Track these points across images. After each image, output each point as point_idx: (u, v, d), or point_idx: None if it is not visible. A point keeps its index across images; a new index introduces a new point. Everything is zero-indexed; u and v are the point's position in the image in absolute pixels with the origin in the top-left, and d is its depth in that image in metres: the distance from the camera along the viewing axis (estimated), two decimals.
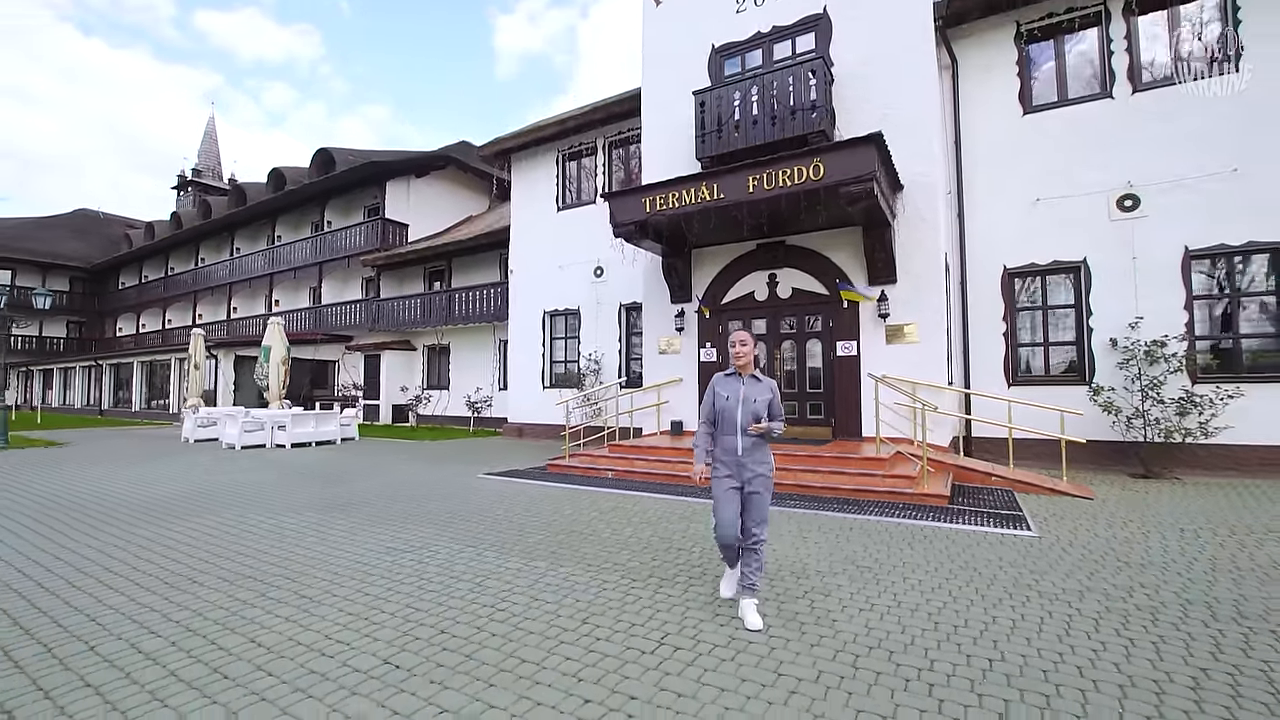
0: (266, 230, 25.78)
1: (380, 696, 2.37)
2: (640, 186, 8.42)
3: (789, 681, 2.47)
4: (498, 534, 4.90)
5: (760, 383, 3.21)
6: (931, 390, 7.82)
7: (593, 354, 13.04)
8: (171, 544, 4.65)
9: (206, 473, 8.58)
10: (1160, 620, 3.07)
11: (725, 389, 3.23)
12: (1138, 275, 8.45)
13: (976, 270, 9.49)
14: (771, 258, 9.09)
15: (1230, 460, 7.85)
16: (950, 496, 5.94)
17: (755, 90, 8.61)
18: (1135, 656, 2.68)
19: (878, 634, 2.93)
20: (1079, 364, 8.81)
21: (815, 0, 8.94)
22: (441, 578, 3.80)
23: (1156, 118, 8.47)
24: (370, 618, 3.17)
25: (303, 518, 5.53)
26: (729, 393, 3.21)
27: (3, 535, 4.96)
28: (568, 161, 14.13)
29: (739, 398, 3.16)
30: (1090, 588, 3.55)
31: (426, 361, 19.31)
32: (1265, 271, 7.94)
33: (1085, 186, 8.83)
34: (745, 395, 3.16)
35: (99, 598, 3.49)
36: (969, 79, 9.68)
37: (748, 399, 3.15)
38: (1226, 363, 8.09)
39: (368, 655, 2.73)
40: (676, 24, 10.18)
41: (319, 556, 4.28)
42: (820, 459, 6.84)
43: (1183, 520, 5.23)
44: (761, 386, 3.19)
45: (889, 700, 2.32)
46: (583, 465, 8.17)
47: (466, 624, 3.08)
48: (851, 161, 6.67)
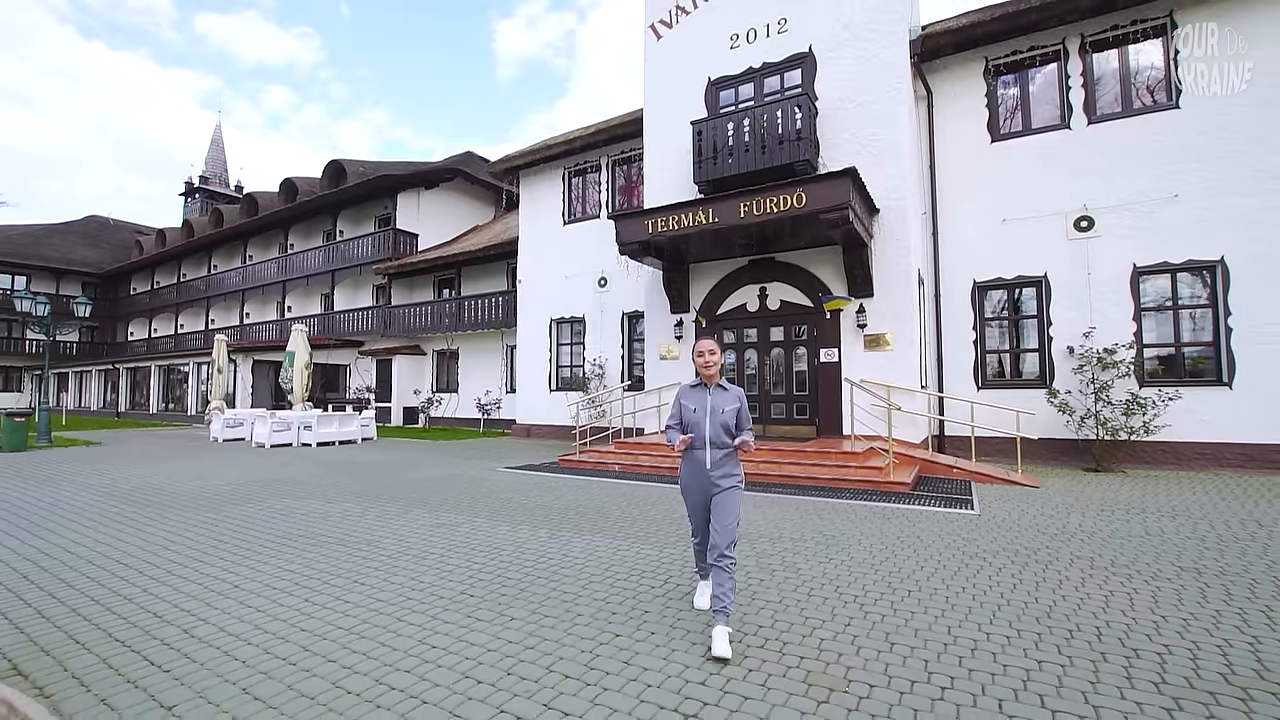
0: (279, 238, 26.65)
1: (467, 610, 3.25)
2: (643, 210, 9.33)
3: (760, 603, 3.36)
4: (527, 513, 5.79)
5: (727, 392, 3.14)
6: (904, 393, 8.74)
7: (597, 359, 13.93)
8: (262, 521, 5.53)
9: (252, 468, 9.45)
10: (1049, 569, 3.97)
11: (691, 401, 3.15)
12: (1092, 289, 9.38)
13: (949, 283, 10.42)
14: (762, 273, 10.01)
15: (1172, 455, 8.77)
16: (913, 485, 6.84)
17: (747, 122, 9.55)
18: (1019, 589, 3.57)
19: (830, 576, 3.82)
20: (1041, 369, 9.74)
21: (801, 40, 9.89)
22: (488, 543, 4.69)
23: (1109, 147, 9.42)
24: (441, 569, 4.05)
25: (356, 503, 6.41)
26: (695, 404, 3.13)
27: (130, 516, 5.83)
28: (573, 178, 15.05)
29: (706, 409, 3.09)
30: (1005, 548, 4.45)
31: (436, 365, 20.19)
32: (1203, 286, 8.88)
33: (1046, 208, 9.76)
34: (713, 406, 3.08)
35: (249, 556, 4.37)
36: (943, 109, 10.63)
37: (715, 410, 3.07)
38: (1169, 368, 9.02)
39: (451, 589, 3.61)
40: (676, 57, 11.12)
41: (384, 530, 5.16)
42: (804, 454, 7.74)
43: (1108, 504, 6.13)
44: (729, 396, 3.12)
45: (830, 612, 3.20)
46: (592, 460, 9.07)
47: (515, 571, 3.97)
48: (829, 192, 7.60)
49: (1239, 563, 4.09)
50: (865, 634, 2.96)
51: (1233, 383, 8.50)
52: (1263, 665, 2.61)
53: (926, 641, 2.87)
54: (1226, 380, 8.55)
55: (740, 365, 10.25)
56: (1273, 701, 2.31)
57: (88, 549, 4.62)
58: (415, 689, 2.44)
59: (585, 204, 14.78)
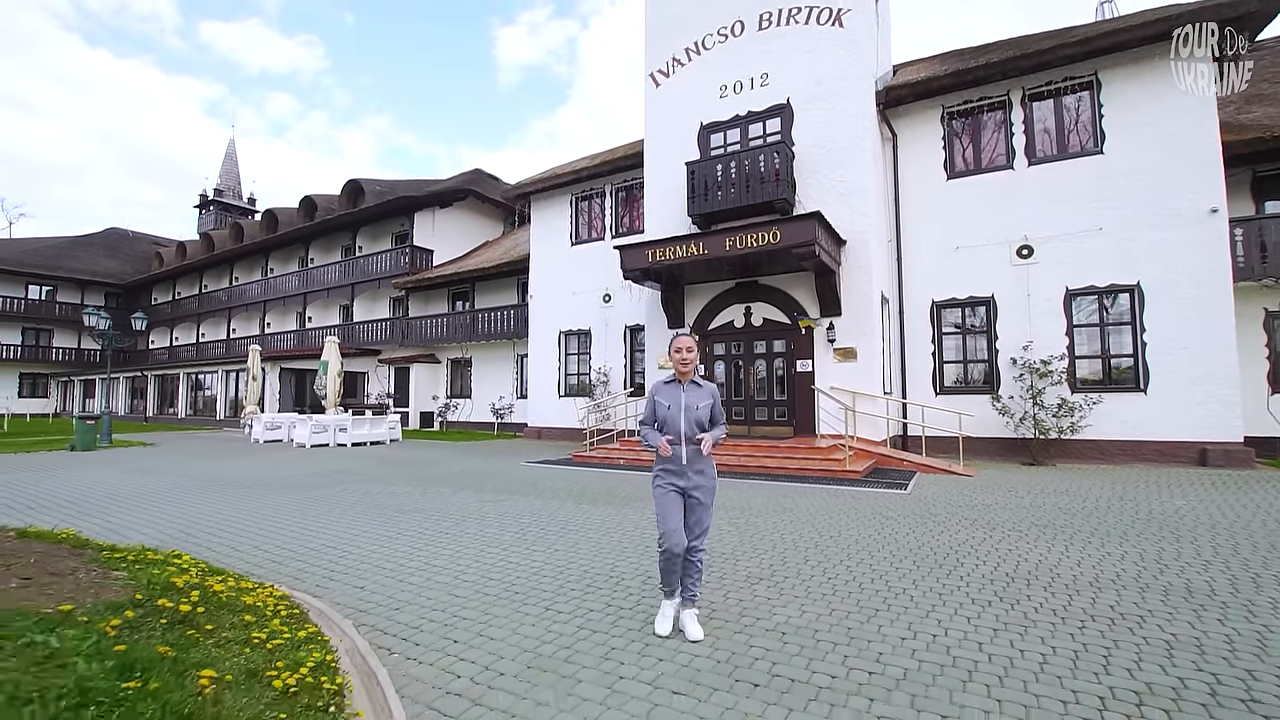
0: (299, 252, 28.21)
1: (525, 546, 4.71)
2: (644, 242, 10.85)
3: (726, 547, 4.82)
4: (553, 493, 7.25)
5: (701, 389, 3.19)
6: (867, 399, 10.22)
7: (602, 368, 15.40)
8: (349, 499, 6.99)
9: (306, 463, 10.91)
10: (941, 526, 5.42)
11: (665, 397, 3.19)
12: (1031, 308, 10.87)
13: (911, 302, 11.92)
14: (746, 294, 11.51)
15: (1097, 451, 10.24)
16: (865, 474, 8.32)
17: (733, 164, 11.07)
18: (910, 536, 5.03)
19: (781, 533, 5.27)
20: (989, 377, 11.21)
21: (781, 93, 11.42)
22: (528, 511, 6.15)
23: (1046, 186, 10.93)
24: (500, 525, 5.52)
25: (413, 487, 7.87)
26: (670, 401, 3.16)
27: (245, 496, 7.29)
28: (580, 202, 16.58)
29: (680, 405, 3.13)
30: (914, 514, 5.91)
31: (450, 373, 21.68)
32: (1125, 306, 10.36)
33: (994, 238, 11.27)
34: (686, 403, 3.13)
35: (358, 520, 5.83)
36: (906, 149, 12.16)
37: (689, 406, 3.12)
38: (1096, 377, 10.49)
39: (511, 536, 5.07)
40: (672, 103, 12.65)
41: (445, 504, 6.62)
42: (778, 449, 9.21)
43: (1017, 487, 7.59)
44: (702, 392, 3.18)
45: (779, 555, 4.66)
46: (600, 456, 10.54)
47: (554, 526, 5.42)
48: (799, 231, 9.11)
49: (1088, 524, 5.54)
50: (795, 556, 4.42)
51: (1147, 389, 9.98)
52: (1060, 569, 4.07)
53: (835, 560, 4.33)
54: (1143, 387, 10.03)
55: (729, 373, 11.74)
56: (1044, 585, 3.76)
57: (248, 517, 6.08)
58: (508, 581, 3.90)
59: (591, 227, 16.30)
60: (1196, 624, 3.14)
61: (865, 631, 3.09)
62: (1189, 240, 9.82)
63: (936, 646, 2.90)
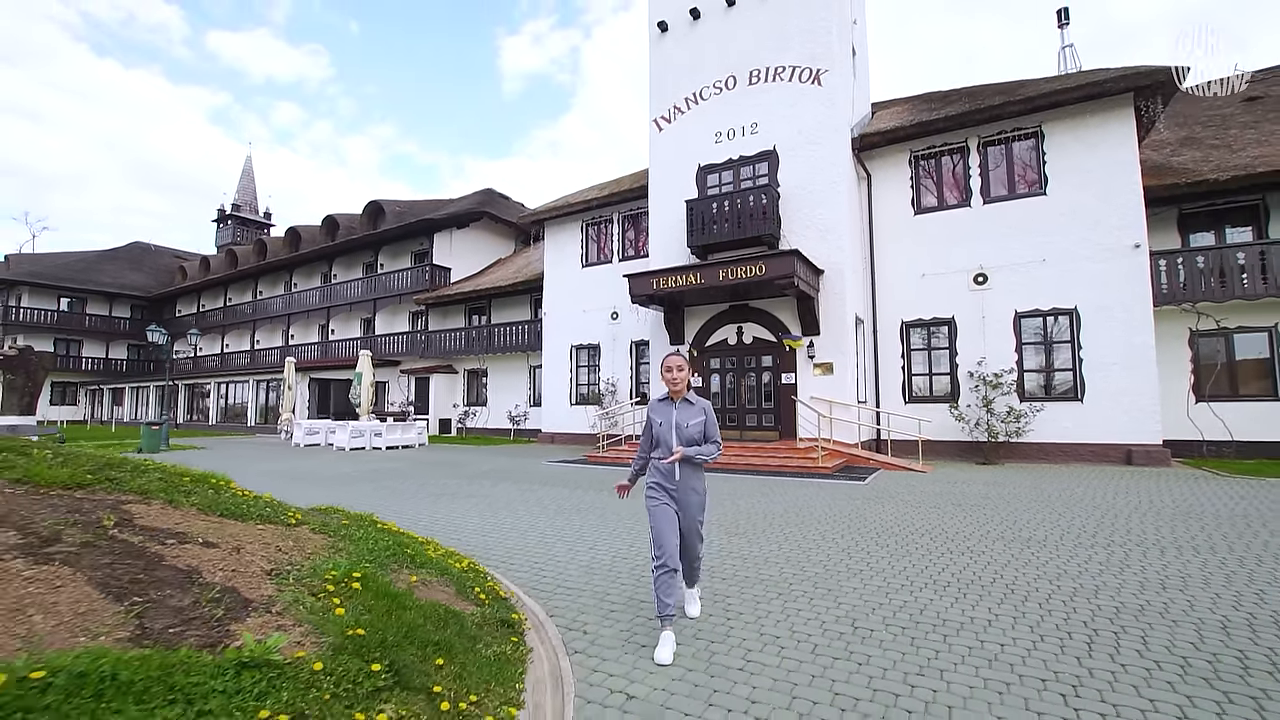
0: (322, 268, 29.96)
1: (564, 519, 6.32)
2: (650, 271, 12.53)
3: (714, 517, 6.42)
4: (576, 485, 8.85)
5: (693, 406, 3.25)
6: (842, 406, 11.83)
7: (610, 379, 17.03)
8: (412, 489, 8.59)
9: (353, 463, 12.51)
10: (883, 505, 7.02)
11: (659, 414, 3.27)
12: (986, 328, 12.51)
13: (884, 322, 13.55)
14: (738, 315, 13.16)
15: (1040, 452, 11.83)
16: (835, 470, 9.92)
17: (727, 203, 12.75)
18: (856, 512, 6.63)
19: (760, 510, 6.87)
20: (950, 388, 12.83)
21: (768, 140, 13.12)
22: (559, 496, 7.74)
23: (998, 222, 12.59)
24: (540, 506, 7.13)
25: (458, 480, 9.47)
26: (662, 418, 3.25)
27: (327, 487, 8.89)
28: (589, 228, 18.27)
29: (671, 423, 3.20)
30: (866, 498, 7.51)
31: (467, 383, 23.31)
32: (1065, 327, 11.98)
33: (954, 266, 12.92)
34: (678, 420, 3.20)
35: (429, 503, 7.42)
36: (878, 187, 13.84)
37: (680, 424, 3.19)
38: (1040, 388, 12.11)
39: (551, 511, 6.67)
40: (673, 146, 14.36)
41: (490, 493, 8.23)
42: (764, 449, 10.82)
43: (959, 480, 9.18)
44: (694, 409, 3.23)
45: (748, 516, 6.26)
46: (610, 456, 12.15)
47: (583, 506, 7.02)
48: (780, 265, 10.77)
49: (993, 503, 7.12)
50: (762, 522, 6.02)
51: (1083, 398, 11.59)
52: (948, 526, 5.66)
53: (794, 525, 5.94)
54: (1079, 397, 11.64)
55: (723, 385, 13.37)
56: (930, 537, 5.35)
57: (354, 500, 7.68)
58: (555, 535, 5.51)
59: (600, 251, 17.98)
60: (1049, 559, 4.75)
61: (799, 557, 4.70)
62: (1117, 271, 11.46)
63: (843, 562, 4.51)
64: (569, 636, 3.22)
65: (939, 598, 3.79)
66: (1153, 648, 3.02)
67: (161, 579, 2.13)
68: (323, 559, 2.89)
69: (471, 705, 2.08)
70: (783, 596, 3.86)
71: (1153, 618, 3.41)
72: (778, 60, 13.15)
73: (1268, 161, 11.62)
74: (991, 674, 2.76)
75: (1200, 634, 3.17)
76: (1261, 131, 13.39)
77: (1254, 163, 11.86)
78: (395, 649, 2.16)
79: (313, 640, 2.08)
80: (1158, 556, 4.70)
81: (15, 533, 2.17)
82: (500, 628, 2.81)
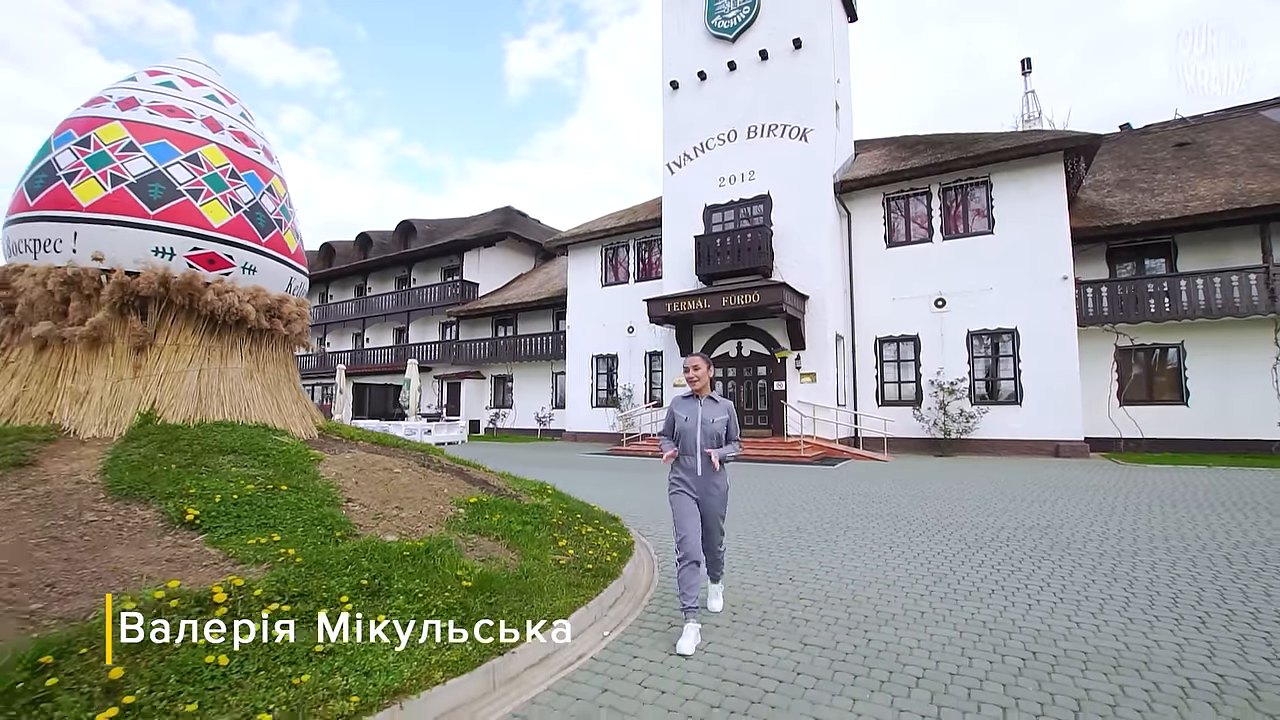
0: (356, 281, 32.58)
1: (619, 489, 8.83)
2: (664, 296, 15.08)
3: None
4: (612, 469, 11.36)
5: (717, 404, 3.31)
6: (823, 409, 14.35)
7: (626, 385, 19.54)
8: None
9: None
10: (840, 481, 9.53)
11: (683, 410, 3.33)
12: (944, 344, 15.01)
13: (861, 338, 16.07)
14: (738, 332, 15.70)
15: (988, 447, 14.32)
16: (814, 459, 12.43)
17: (729, 239, 15.30)
18: (822, 486, 9.12)
19: (754, 489, 9.37)
20: (915, 394, 15.32)
21: (763, 186, 15.67)
22: (605, 476, 10.24)
23: (955, 255, 15.10)
24: (594, 484, 9.64)
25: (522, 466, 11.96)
26: (687, 414, 3.30)
27: None
28: (608, 252, 20.83)
29: (697, 419, 3.26)
30: (833, 477, 10.00)
31: (494, 388, 25.86)
32: (1008, 344, 14.48)
33: (919, 292, 15.42)
34: (703, 417, 3.27)
35: None
36: (857, 223, 16.37)
37: (705, 420, 3.26)
38: (987, 394, 14.61)
39: (610, 483, 9.17)
40: (683, 188, 16.92)
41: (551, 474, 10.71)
42: (759, 443, 13.34)
43: (910, 468, 11.66)
44: (719, 408, 3.30)
45: (743, 487, 8.77)
46: (633, 449, 14.67)
47: (627, 481, 9.53)
48: (771, 294, 13.31)
49: (930, 480, 9.60)
50: (754, 491, 8.52)
51: (1022, 403, 14.08)
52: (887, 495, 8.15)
53: (773, 495, 8.44)
54: (1019, 402, 14.13)
55: (725, 391, 15.89)
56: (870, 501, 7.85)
57: None
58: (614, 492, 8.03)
59: (618, 272, 20.54)
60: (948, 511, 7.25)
61: (778, 508, 7.20)
62: (1049, 298, 13.96)
63: (812, 514, 7.01)
64: (641, 535, 5.75)
65: (861, 525, 6.33)
66: (1032, 548, 5.54)
67: (478, 481, 4.71)
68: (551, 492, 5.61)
69: (600, 545, 4.60)
70: (759, 519, 6.39)
71: (1036, 534, 5.92)
72: (771, 119, 15.72)
73: (1173, 209, 14.12)
74: (890, 566, 5.29)
75: (1070, 541, 5.69)
76: (1180, 178, 15.87)
77: (1165, 209, 14.36)
78: (579, 513, 4.74)
79: (561, 509, 4.71)
80: (1044, 504, 7.22)
81: (415, 463, 4.75)
82: (610, 521, 5.33)
